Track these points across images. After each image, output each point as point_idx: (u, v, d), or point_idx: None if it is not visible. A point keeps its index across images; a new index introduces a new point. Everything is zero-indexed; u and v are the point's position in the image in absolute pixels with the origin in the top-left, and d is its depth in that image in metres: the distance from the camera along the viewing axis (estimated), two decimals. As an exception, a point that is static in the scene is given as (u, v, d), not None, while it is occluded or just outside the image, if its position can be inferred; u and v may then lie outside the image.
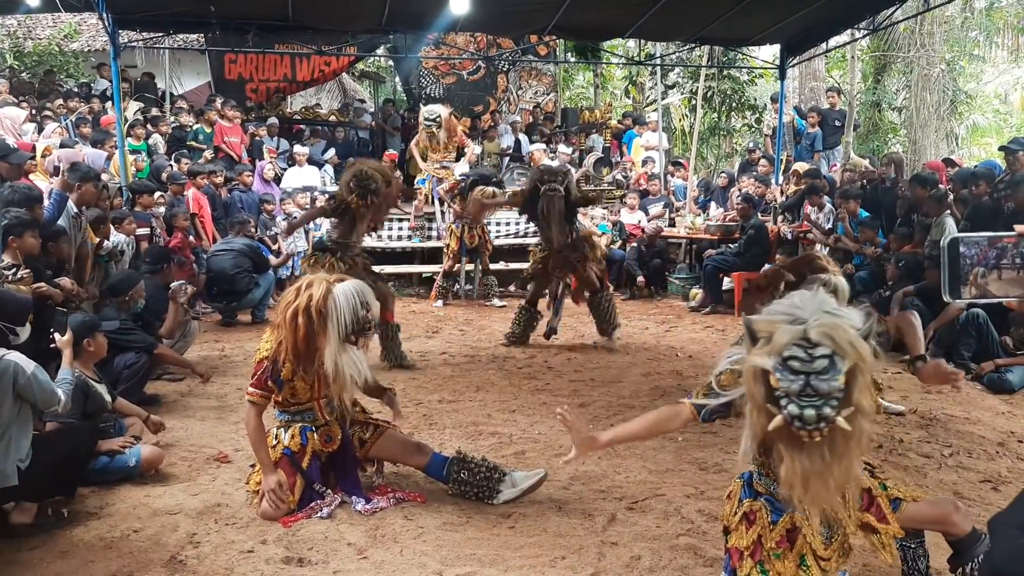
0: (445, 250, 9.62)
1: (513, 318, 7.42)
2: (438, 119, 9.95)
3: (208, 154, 10.77)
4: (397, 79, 18.90)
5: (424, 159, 10.60)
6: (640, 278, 10.20)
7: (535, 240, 9.84)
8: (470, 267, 9.55)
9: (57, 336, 3.90)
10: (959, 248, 5.48)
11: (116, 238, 7.19)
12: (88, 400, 4.03)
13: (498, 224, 11.00)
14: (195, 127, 11.52)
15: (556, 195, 6.71)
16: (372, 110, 16.06)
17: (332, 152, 12.75)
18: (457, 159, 11.07)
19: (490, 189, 8.80)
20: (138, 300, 5.42)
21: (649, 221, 10.94)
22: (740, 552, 2.48)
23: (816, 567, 2.41)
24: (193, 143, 11.15)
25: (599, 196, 10.44)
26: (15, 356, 3.36)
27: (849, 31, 11.15)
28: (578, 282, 7.17)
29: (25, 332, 3.96)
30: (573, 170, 10.58)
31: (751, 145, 13.93)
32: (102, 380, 4.30)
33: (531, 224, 10.98)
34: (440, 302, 9.35)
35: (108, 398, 4.23)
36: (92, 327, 4.25)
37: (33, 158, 7.37)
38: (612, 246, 10.88)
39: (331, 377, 3.42)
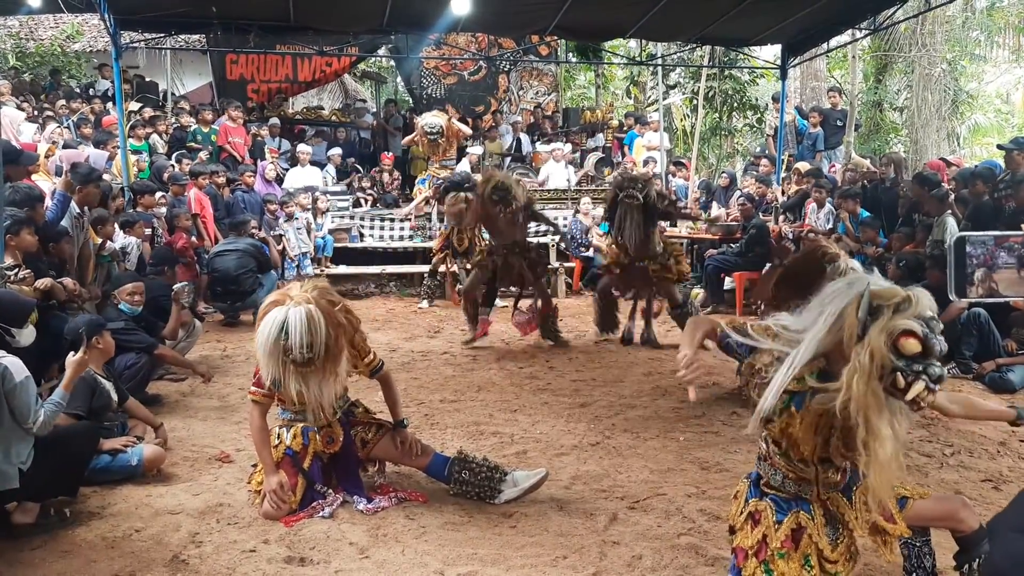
0: (433, 250, 9.65)
1: (594, 309, 7.50)
2: (440, 130, 9.94)
3: (203, 155, 10.77)
4: (399, 79, 18.92)
5: (426, 162, 10.62)
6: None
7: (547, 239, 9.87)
8: (450, 268, 9.46)
9: (71, 354, 3.87)
10: (965, 247, 5.41)
11: (126, 240, 7.19)
12: (95, 396, 4.05)
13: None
14: (194, 128, 11.53)
15: (634, 203, 6.51)
16: (373, 110, 16.07)
17: (333, 151, 12.76)
18: (458, 159, 11.08)
19: (462, 195, 8.72)
20: (122, 301, 5.34)
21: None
22: (745, 551, 2.48)
23: (819, 568, 2.40)
24: (193, 144, 11.16)
25: (687, 214, 9.48)
26: (9, 360, 3.33)
27: (850, 31, 11.13)
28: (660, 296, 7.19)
29: (29, 335, 3.93)
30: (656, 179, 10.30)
31: (759, 149, 13.88)
32: (111, 378, 4.31)
33: (542, 225, 11.03)
34: (425, 303, 9.33)
35: (115, 397, 4.24)
36: (100, 326, 4.28)
37: (37, 159, 7.38)
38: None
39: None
